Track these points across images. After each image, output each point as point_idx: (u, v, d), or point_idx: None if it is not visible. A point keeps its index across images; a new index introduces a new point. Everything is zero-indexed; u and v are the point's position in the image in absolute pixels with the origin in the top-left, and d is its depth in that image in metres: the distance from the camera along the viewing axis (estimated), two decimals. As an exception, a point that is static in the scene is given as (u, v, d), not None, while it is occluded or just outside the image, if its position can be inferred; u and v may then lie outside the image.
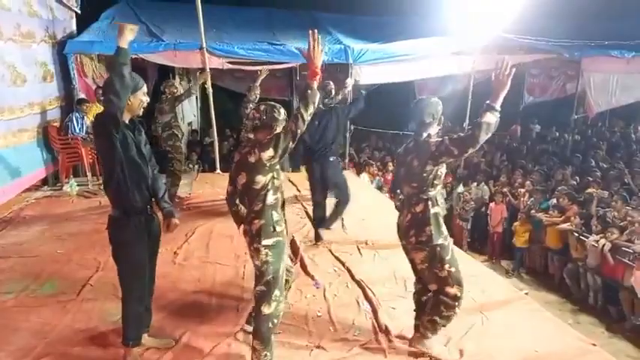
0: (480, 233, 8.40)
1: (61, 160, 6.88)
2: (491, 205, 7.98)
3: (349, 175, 8.23)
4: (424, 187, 2.60)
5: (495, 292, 3.85)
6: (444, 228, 2.66)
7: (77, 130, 6.81)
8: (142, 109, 2.64)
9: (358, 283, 3.86)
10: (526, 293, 4.64)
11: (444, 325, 2.77)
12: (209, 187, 7.00)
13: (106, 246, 4.52)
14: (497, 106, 2.35)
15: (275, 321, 2.61)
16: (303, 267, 4.15)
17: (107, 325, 3.18)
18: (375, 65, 8.52)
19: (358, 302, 3.57)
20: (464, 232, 8.32)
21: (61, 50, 7.32)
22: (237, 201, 2.75)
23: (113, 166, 2.51)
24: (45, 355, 2.84)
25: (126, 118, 2.53)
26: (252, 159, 2.51)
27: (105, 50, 7.72)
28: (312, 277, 3.97)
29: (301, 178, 7.87)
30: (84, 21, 8.52)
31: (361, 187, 7.55)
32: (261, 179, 2.51)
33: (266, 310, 2.56)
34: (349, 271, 4.09)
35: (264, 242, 2.53)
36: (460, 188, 8.61)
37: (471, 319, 3.31)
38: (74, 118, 6.84)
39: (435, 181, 2.61)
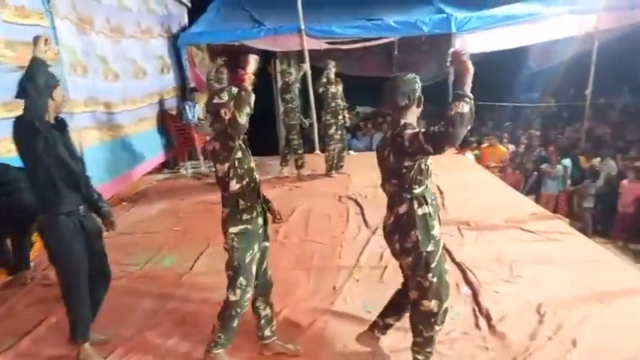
0: (604, 213, 7.52)
1: (178, 145, 7.54)
2: (624, 182, 7.07)
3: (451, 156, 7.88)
4: (406, 184, 2.23)
5: (619, 279, 3.42)
6: (435, 231, 2.28)
7: (190, 117, 7.39)
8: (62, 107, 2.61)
9: (458, 266, 3.69)
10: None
11: (429, 350, 2.41)
12: (308, 167, 7.16)
13: (216, 223, 4.95)
14: (468, 92, 1.99)
15: (239, 310, 2.53)
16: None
17: (216, 297, 3.43)
18: (481, 33, 7.94)
19: (458, 286, 3.42)
20: (584, 212, 7.50)
21: (176, 43, 7.95)
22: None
23: (38, 167, 2.47)
24: (165, 321, 3.17)
25: (51, 117, 2.54)
26: (209, 147, 2.48)
27: (213, 39, 8.27)
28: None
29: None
30: (194, 13, 9.15)
31: (464, 165, 7.19)
32: (220, 167, 2.45)
33: (231, 296, 2.51)
34: (449, 253, 3.91)
35: (231, 230, 2.48)
36: (567, 162, 7.73)
37: (588, 309, 3.00)
38: (187, 106, 7.43)
39: (420, 177, 2.22)
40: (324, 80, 6.41)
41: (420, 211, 2.24)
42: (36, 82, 2.36)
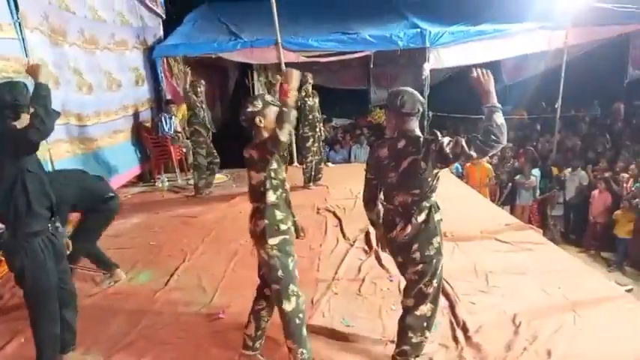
0: (577, 223, 7.72)
1: (153, 157, 7.42)
2: (594, 193, 7.29)
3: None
4: (428, 192, 2.29)
5: (591, 288, 3.50)
6: (442, 237, 2.40)
7: (166, 130, 7.30)
8: None
9: (436, 277, 3.71)
10: (629, 290, 4.22)
11: (415, 357, 2.46)
12: (286, 179, 7.13)
13: (193, 237, 4.88)
14: (497, 102, 2.14)
15: (301, 316, 2.54)
16: (378, 260, 4.09)
17: (190, 313, 3.38)
18: (455, 47, 8.12)
19: (435, 297, 3.44)
20: (551, 220, 7.70)
21: (151, 55, 7.87)
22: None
23: (15, 182, 2.42)
24: (137, 340, 3.07)
25: None
26: (246, 154, 2.46)
27: (189, 52, 8.20)
28: (387, 270, 3.89)
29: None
30: (169, 25, 9.10)
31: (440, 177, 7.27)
32: (254, 175, 2.46)
33: (287, 307, 2.50)
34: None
35: (271, 242, 2.46)
36: (536, 172, 7.93)
37: (562, 318, 3.05)
38: (163, 119, 7.34)
39: (437, 185, 2.33)
40: (302, 94, 6.43)
41: (437, 218, 2.33)
42: (47, 107, 2.42)
